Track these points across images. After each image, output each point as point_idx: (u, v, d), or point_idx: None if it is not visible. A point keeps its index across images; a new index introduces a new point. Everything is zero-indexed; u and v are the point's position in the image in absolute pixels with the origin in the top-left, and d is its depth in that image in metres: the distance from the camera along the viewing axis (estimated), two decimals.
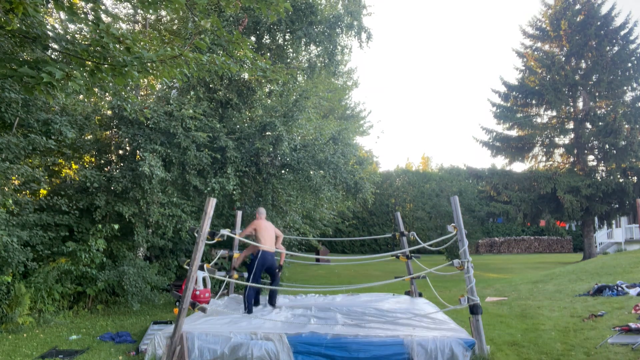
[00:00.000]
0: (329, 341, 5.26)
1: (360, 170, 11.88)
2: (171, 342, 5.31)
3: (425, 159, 43.27)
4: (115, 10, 12.05)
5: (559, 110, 21.30)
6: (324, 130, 12.13)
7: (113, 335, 6.60)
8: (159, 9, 5.35)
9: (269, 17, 5.69)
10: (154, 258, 10.64)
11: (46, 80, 3.93)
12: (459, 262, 5.74)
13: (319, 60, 12.99)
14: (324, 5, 12.99)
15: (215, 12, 10.41)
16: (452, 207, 6.19)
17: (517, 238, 31.31)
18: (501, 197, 21.07)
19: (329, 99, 22.76)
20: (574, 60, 21.19)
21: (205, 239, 5.61)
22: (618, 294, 8.31)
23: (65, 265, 7.70)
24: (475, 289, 5.68)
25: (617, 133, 18.64)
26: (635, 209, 18.99)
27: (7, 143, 6.92)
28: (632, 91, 20.47)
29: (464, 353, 5.13)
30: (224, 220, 10.99)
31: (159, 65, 4.62)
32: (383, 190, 30.68)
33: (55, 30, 5.49)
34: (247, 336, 5.38)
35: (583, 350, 5.49)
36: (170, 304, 9.37)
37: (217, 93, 11.09)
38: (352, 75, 27.94)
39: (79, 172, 8.62)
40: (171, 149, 9.11)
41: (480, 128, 26.35)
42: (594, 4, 20.76)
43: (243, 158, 9.98)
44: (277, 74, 5.64)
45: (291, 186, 11.42)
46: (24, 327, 6.86)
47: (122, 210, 8.50)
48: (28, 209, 7.58)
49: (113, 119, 9.52)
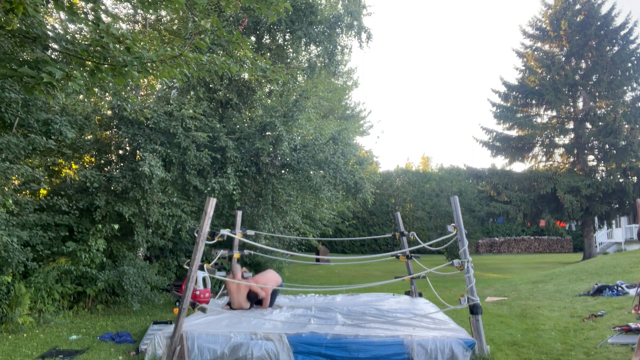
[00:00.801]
0: (329, 341, 5.26)
1: (360, 170, 11.87)
2: (171, 342, 5.31)
3: (425, 159, 43.29)
4: (115, 10, 12.04)
5: (559, 110, 21.30)
6: (324, 130, 12.13)
7: (113, 335, 6.59)
8: (159, 9, 5.35)
9: (269, 17, 5.69)
10: (154, 258, 10.64)
11: (46, 80, 3.92)
12: (459, 262, 5.75)
13: (319, 60, 12.99)
14: (324, 5, 12.98)
15: (215, 12, 10.41)
16: (452, 207, 6.18)
17: (517, 238, 31.30)
18: (501, 197, 21.07)
19: (329, 99, 22.76)
20: (574, 60, 21.19)
21: (205, 239, 5.61)
22: (618, 294, 8.31)
23: (65, 265, 7.70)
24: (475, 289, 5.68)
25: (617, 133, 18.64)
26: (635, 209, 19.00)
27: (7, 143, 6.92)
28: (632, 91, 20.47)
29: (464, 353, 5.13)
30: (224, 220, 10.98)
31: (159, 65, 4.61)
32: (383, 190, 30.68)
33: (55, 30, 5.49)
34: (247, 336, 5.38)
35: (583, 350, 5.49)
36: (170, 304, 9.37)
37: (217, 93, 11.09)
38: (352, 75, 27.94)
39: (78, 172, 8.61)
40: (171, 149, 9.11)
41: (480, 128, 26.38)
42: (594, 4, 20.76)
43: (243, 158, 9.98)
44: (277, 74, 5.64)
45: (291, 186, 11.42)
46: (24, 327, 6.85)
47: (122, 210, 8.50)
48: (28, 209, 7.58)
49: (113, 119, 9.52)
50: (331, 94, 23.40)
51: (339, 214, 21.46)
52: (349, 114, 27.90)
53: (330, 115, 22.85)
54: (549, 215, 20.65)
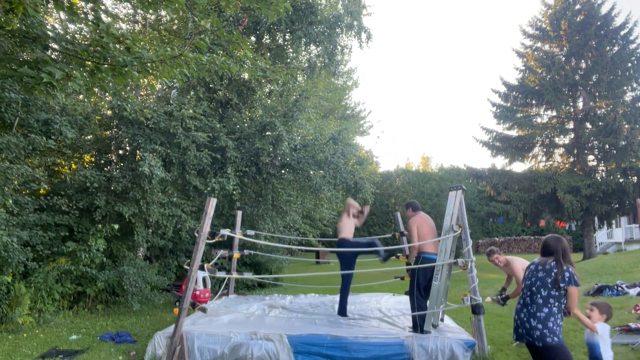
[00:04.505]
0: (329, 341, 5.26)
1: (360, 170, 11.88)
2: (171, 342, 5.31)
3: (425, 159, 43.29)
4: (115, 10, 12.03)
5: (559, 110, 21.28)
6: (324, 130, 12.14)
7: (113, 335, 6.59)
8: (159, 9, 5.35)
9: (269, 17, 5.69)
10: (154, 258, 10.64)
11: (46, 80, 3.92)
12: (462, 261, 5.73)
13: (319, 60, 13.00)
14: (324, 5, 12.99)
15: (215, 12, 10.41)
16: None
17: (517, 238, 31.29)
18: (501, 197, 21.04)
19: (329, 99, 22.77)
20: (574, 60, 21.18)
21: (206, 239, 5.61)
22: (618, 294, 8.31)
23: (65, 265, 7.70)
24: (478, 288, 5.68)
25: (617, 133, 18.62)
26: (635, 209, 18.99)
27: (7, 143, 6.91)
28: (632, 91, 20.44)
29: (464, 354, 5.13)
30: (224, 220, 10.99)
31: (159, 65, 4.61)
32: (383, 190, 30.67)
33: (55, 30, 5.48)
34: (247, 336, 5.38)
35: (583, 350, 5.48)
36: (170, 304, 9.36)
37: (217, 93, 11.09)
38: (352, 75, 27.97)
39: (78, 172, 8.61)
40: (171, 149, 9.11)
41: (480, 128, 26.35)
42: (594, 4, 20.74)
43: (243, 158, 9.97)
44: (277, 74, 5.65)
45: (291, 186, 11.43)
46: (24, 327, 6.85)
47: (122, 210, 8.50)
48: (28, 209, 7.58)
49: (113, 119, 9.52)
50: (331, 94, 23.41)
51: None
52: (349, 114, 27.92)
53: (330, 115, 22.86)
54: (549, 215, 20.63)
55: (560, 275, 3.52)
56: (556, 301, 3.56)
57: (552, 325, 3.52)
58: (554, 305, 3.56)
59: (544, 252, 3.77)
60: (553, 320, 3.53)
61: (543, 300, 3.58)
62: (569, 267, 3.55)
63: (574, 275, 3.52)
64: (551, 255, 3.68)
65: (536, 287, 3.65)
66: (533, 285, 3.68)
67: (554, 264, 3.61)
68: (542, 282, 3.61)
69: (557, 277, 3.53)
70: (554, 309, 3.56)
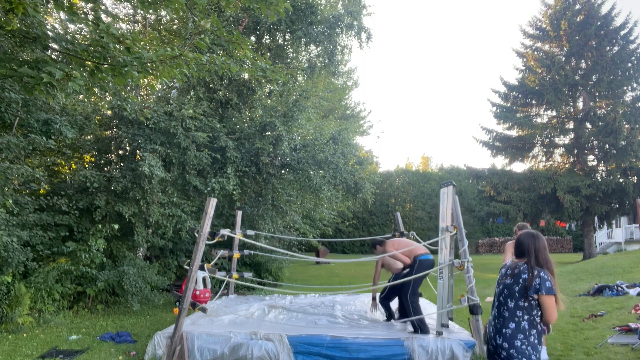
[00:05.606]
0: (329, 341, 5.26)
1: (360, 170, 11.88)
2: (171, 342, 5.31)
3: (425, 159, 43.26)
4: (115, 10, 12.03)
5: (559, 110, 21.29)
6: (324, 130, 12.14)
7: (113, 335, 6.59)
8: (159, 9, 5.35)
9: (269, 17, 5.68)
10: (154, 258, 10.64)
11: (46, 80, 3.92)
12: (459, 262, 5.75)
13: (319, 60, 12.99)
14: (324, 5, 12.98)
15: (215, 12, 10.41)
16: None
17: None
18: (501, 197, 21.05)
19: (329, 99, 22.77)
20: (574, 60, 21.18)
21: (206, 239, 5.61)
22: (618, 294, 8.31)
23: (65, 265, 7.70)
24: (475, 289, 5.68)
25: (617, 133, 18.63)
26: (635, 209, 18.99)
27: (7, 143, 6.91)
28: (632, 91, 20.45)
29: (464, 354, 5.13)
30: (224, 220, 10.98)
31: (159, 65, 4.61)
32: (383, 190, 30.67)
33: (55, 30, 5.48)
34: (247, 336, 5.38)
35: (583, 350, 5.49)
36: (170, 304, 9.36)
37: (217, 93, 11.09)
38: (352, 75, 27.96)
39: (78, 172, 8.61)
40: (171, 149, 9.11)
41: (480, 128, 26.37)
42: (594, 4, 20.75)
43: (243, 158, 9.97)
44: (277, 74, 5.64)
45: (291, 186, 11.42)
46: (24, 327, 6.85)
47: (122, 210, 8.50)
48: (28, 209, 7.57)
49: (113, 119, 9.52)
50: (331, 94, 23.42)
51: (339, 214, 21.46)
52: (349, 114, 27.91)
53: (330, 115, 22.85)
54: (549, 215, 20.65)
55: (529, 282, 2.79)
56: (526, 314, 2.83)
57: (520, 344, 2.80)
58: (522, 319, 2.83)
59: (517, 252, 3.04)
60: (522, 339, 2.81)
61: (509, 313, 2.87)
62: (543, 271, 2.82)
63: (546, 282, 2.76)
64: (524, 256, 2.94)
65: (503, 297, 2.94)
66: (501, 294, 2.99)
67: (523, 268, 2.87)
68: (510, 290, 2.90)
69: (526, 284, 2.81)
70: (524, 323, 2.83)
